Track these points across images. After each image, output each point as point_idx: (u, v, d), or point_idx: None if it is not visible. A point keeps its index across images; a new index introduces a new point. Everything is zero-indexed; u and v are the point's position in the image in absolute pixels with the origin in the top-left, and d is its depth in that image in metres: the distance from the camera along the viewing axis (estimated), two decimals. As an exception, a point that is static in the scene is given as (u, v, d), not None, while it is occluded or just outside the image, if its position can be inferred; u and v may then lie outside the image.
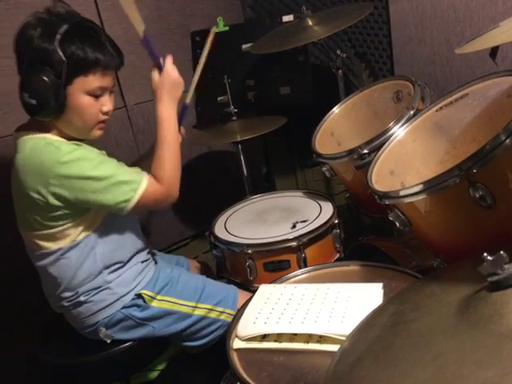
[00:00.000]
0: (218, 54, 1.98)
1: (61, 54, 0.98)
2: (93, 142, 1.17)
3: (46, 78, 0.99)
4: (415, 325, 0.62)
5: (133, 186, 1.08)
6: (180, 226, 2.11)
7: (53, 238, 1.11)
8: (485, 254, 0.55)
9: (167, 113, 1.15)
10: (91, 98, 1.06)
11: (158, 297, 1.22)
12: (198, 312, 1.24)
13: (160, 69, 1.18)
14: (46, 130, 1.09)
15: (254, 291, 1.07)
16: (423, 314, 0.63)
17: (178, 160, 1.16)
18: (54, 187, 1.03)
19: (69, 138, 1.11)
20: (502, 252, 0.54)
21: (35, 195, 1.04)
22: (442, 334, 0.56)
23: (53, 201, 1.04)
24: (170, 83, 1.16)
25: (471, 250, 0.82)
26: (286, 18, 1.87)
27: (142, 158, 1.40)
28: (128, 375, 1.39)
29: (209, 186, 2.10)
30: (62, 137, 1.10)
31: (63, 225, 1.09)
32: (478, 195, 0.81)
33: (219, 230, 1.48)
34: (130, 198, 1.08)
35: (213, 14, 2.02)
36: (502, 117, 0.95)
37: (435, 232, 0.97)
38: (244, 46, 1.92)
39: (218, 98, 1.86)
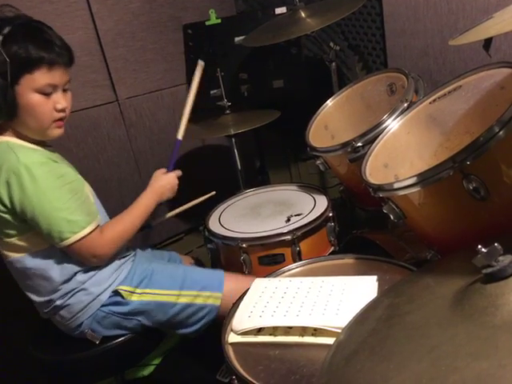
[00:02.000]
0: (210, 47, 1.97)
1: (3, 54, 0.98)
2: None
3: None
4: (410, 317, 0.62)
5: (75, 228, 1.07)
6: (174, 220, 2.10)
7: (12, 247, 1.10)
8: (479, 246, 0.55)
9: (148, 202, 1.26)
10: (41, 96, 1.06)
11: (138, 290, 1.21)
12: (183, 300, 1.23)
13: (168, 171, 1.37)
14: (4, 133, 1.08)
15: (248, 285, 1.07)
16: (418, 307, 0.63)
17: (128, 234, 1.19)
18: (1, 191, 1.03)
19: (29, 140, 1.10)
20: (496, 244, 0.54)
21: None
22: (436, 327, 0.56)
23: (1, 207, 1.04)
24: (168, 186, 1.32)
25: (465, 241, 0.83)
26: (279, 11, 1.86)
27: None
28: (122, 370, 1.39)
29: (202, 181, 2.09)
30: (21, 139, 1.09)
31: (19, 234, 1.08)
32: (471, 187, 0.81)
33: (213, 225, 1.47)
34: (66, 238, 1.07)
35: (205, 6, 2.01)
36: (495, 108, 0.95)
37: (429, 224, 0.97)
38: (236, 39, 1.90)
39: (211, 92, 1.85)
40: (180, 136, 1.40)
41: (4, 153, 1.05)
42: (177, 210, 1.47)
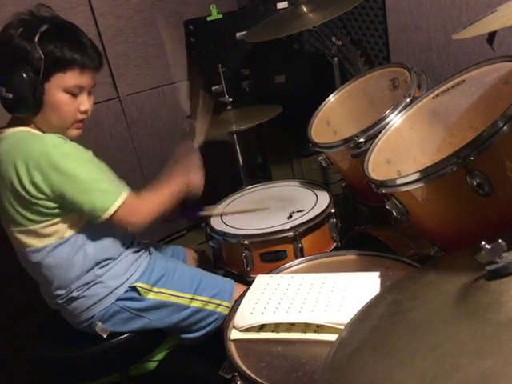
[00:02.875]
0: (211, 43, 1.97)
1: (39, 51, 1.02)
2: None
3: (24, 74, 1.02)
4: (413, 314, 0.61)
5: (111, 196, 1.08)
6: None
7: (37, 234, 1.10)
8: (483, 243, 0.54)
9: (183, 183, 1.23)
10: (68, 96, 1.08)
11: (155, 289, 1.21)
12: (195, 304, 1.24)
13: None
14: (25, 125, 1.09)
15: (250, 282, 1.07)
16: (421, 304, 0.63)
17: (166, 204, 1.17)
18: (35, 178, 1.03)
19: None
20: (500, 240, 0.53)
21: (18, 186, 1.04)
22: (440, 324, 0.55)
23: (34, 192, 1.04)
24: (195, 181, 1.27)
25: (469, 238, 0.82)
26: (281, 5, 1.85)
27: None
28: (126, 366, 1.39)
29: (204, 177, 2.08)
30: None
31: (47, 221, 1.09)
32: (475, 183, 0.80)
33: (215, 221, 1.47)
34: (107, 207, 1.07)
35: (206, 1, 1.99)
36: (499, 103, 0.94)
37: (432, 220, 0.97)
38: (238, 35, 1.89)
39: (213, 88, 1.84)
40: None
41: (24, 139, 1.06)
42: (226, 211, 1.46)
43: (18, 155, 1.03)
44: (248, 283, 1.13)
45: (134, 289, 1.19)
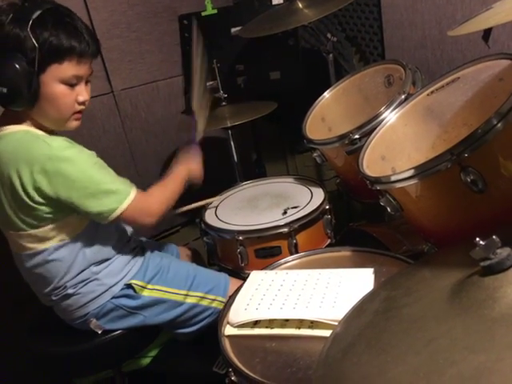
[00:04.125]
0: (206, 38, 1.95)
1: (33, 40, 0.94)
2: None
3: (17, 66, 0.94)
4: (407, 310, 0.61)
5: (119, 197, 1.06)
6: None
7: (37, 238, 1.08)
8: (477, 239, 0.54)
9: (185, 172, 1.26)
10: (66, 86, 1.02)
11: (149, 286, 1.21)
12: (190, 300, 1.24)
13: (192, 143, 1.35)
14: (22, 122, 1.05)
15: (245, 278, 1.07)
16: (415, 300, 0.63)
17: (174, 197, 1.19)
18: (40, 183, 1.00)
19: (46, 130, 1.07)
20: (494, 237, 0.53)
21: (20, 190, 1.00)
22: (434, 320, 0.56)
23: (36, 197, 1.01)
24: (197, 170, 1.32)
25: (462, 234, 0.83)
26: (276, 1, 1.84)
27: None
28: (120, 362, 1.39)
29: (204, 170, 2.08)
30: (38, 128, 1.06)
31: (48, 225, 1.07)
32: (469, 180, 0.81)
33: (210, 217, 1.47)
34: (115, 208, 1.05)
35: (201, -4, 1.98)
36: (493, 100, 0.94)
37: (426, 217, 0.97)
38: (233, 30, 1.88)
39: (207, 83, 1.83)
40: (195, 107, 1.34)
41: (27, 142, 1.01)
42: (188, 207, 1.46)
43: (21, 159, 0.99)
44: (242, 279, 1.13)
45: (129, 286, 1.18)
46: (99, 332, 1.19)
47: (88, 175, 1.03)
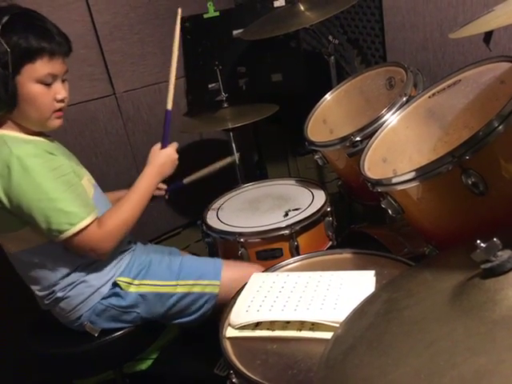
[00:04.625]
0: (208, 41, 1.96)
1: (4, 44, 0.97)
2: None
3: None
4: (408, 312, 0.61)
5: (72, 219, 1.04)
6: (172, 215, 2.10)
7: (15, 240, 1.09)
8: (478, 241, 0.54)
9: (149, 184, 1.21)
10: (42, 86, 1.05)
11: (136, 281, 1.20)
12: (181, 289, 1.22)
13: (163, 146, 1.29)
14: (2, 126, 1.06)
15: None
16: (416, 302, 0.63)
17: (129, 224, 1.14)
18: None
19: (28, 132, 1.09)
20: (495, 239, 0.54)
21: None
22: (435, 322, 0.56)
23: None
24: (168, 161, 1.26)
25: (463, 236, 0.83)
26: (278, 3, 1.84)
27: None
28: (120, 364, 1.39)
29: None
30: (19, 131, 1.08)
31: (17, 230, 1.07)
32: (470, 182, 0.81)
33: (211, 219, 1.47)
34: (64, 230, 1.04)
35: (203, -1, 1.99)
36: (494, 103, 0.95)
37: (427, 219, 0.97)
38: (235, 32, 1.89)
39: (209, 86, 1.84)
40: (169, 106, 1.31)
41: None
42: (197, 174, 1.42)
43: None
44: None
45: (115, 284, 1.18)
46: (95, 335, 1.19)
47: (42, 189, 1.02)
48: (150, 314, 1.22)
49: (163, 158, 1.26)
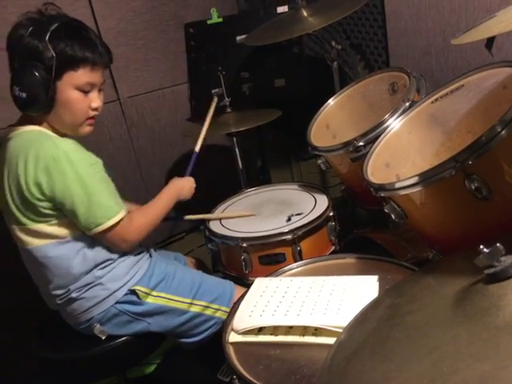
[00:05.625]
0: (211, 46, 1.97)
1: (51, 49, 1.03)
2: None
3: (36, 73, 1.02)
4: (411, 317, 0.61)
5: (108, 213, 1.10)
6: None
7: (37, 233, 1.10)
8: (481, 247, 0.54)
9: (170, 197, 1.31)
10: (80, 93, 1.10)
11: (154, 293, 1.21)
12: (194, 309, 1.24)
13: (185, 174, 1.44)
14: (37, 125, 1.11)
15: (249, 285, 1.07)
16: (419, 307, 0.63)
17: (154, 224, 1.23)
18: (40, 180, 1.04)
19: (59, 134, 1.13)
20: (498, 244, 0.53)
21: (23, 183, 1.05)
22: (438, 327, 0.56)
23: (36, 193, 1.05)
24: (187, 186, 1.38)
25: (467, 241, 0.82)
26: (281, 9, 1.85)
27: None
28: (124, 369, 1.39)
29: (203, 180, 2.09)
30: (52, 132, 1.12)
31: (47, 221, 1.09)
32: (473, 187, 0.81)
33: (214, 224, 1.47)
34: (101, 223, 1.09)
35: (207, 5, 2.00)
36: (497, 108, 0.94)
37: (431, 224, 0.97)
38: (238, 38, 1.90)
39: (213, 91, 1.85)
40: (197, 149, 1.51)
41: (39, 140, 1.07)
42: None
43: (30, 153, 1.05)
44: (247, 286, 1.13)
45: (133, 292, 1.19)
46: (103, 338, 1.20)
47: (85, 183, 1.07)
48: (159, 327, 1.23)
49: (184, 182, 1.39)
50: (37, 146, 1.05)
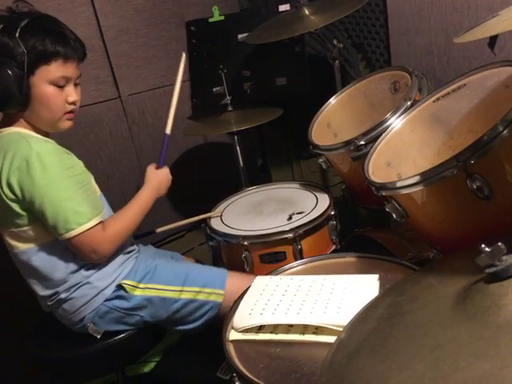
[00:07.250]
0: (213, 44, 1.97)
1: (21, 46, 1.02)
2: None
3: (8, 70, 1.02)
4: (412, 316, 0.61)
5: (80, 219, 1.07)
6: (176, 217, 2.11)
7: (19, 237, 1.11)
8: (482, 246, 0.54)
9: (148, 198, 1.25)
10: (55, 88, 1.09)
11: (141, 285, 1.21)
12: (186, 295, 1.23)
13: (158, 166, 1.34)
14: (16, 124, 1.10)
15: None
16: (420, 306, 0.63)
17: (129, 231, 1.19)
18: (11, 179, 1.04)
19: (40, 132, 1.12)
20: (499, 243, 0.53)
21: (1, 185, 1.04)
22: (439, 326, 0.55)
23: (8, 193, 1.05)
24: (164, 181, 1.31)
25: (468, 241, 0.82)
26: (283, 8, 1.85)
27: None
28: (123, 367, 1.39)
29: (204, 178, 2.09)
30: (32, 130, 1.11)
31: (26, 224, 1.09)
32: (475, 186, 0.80)
33: (215, 222, 1.47)
34: (71, 229, 1.06)
35: (208, 2, 2.00)
36: (499, 107, 0.94)
37: (432, 223, 0.97)
38: (240, 36, 1.90)
39: (214, 89, 1.85)
40: (168, 130, 1.38)
41: (16, 141, 1.07)
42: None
43: (8, 154, 1.05)
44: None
45: (120, 287, 1.19)
46: (98, 337, 1.19)
47: (57, 186, 1.05)
48: (153, 317, 1.23)
49: (160, 176, 1.31)
50: (14, 148, 1.05)
